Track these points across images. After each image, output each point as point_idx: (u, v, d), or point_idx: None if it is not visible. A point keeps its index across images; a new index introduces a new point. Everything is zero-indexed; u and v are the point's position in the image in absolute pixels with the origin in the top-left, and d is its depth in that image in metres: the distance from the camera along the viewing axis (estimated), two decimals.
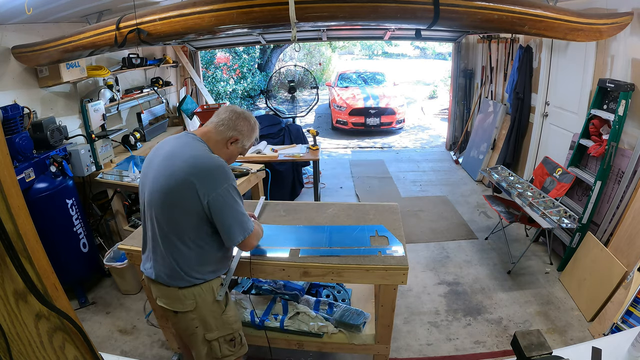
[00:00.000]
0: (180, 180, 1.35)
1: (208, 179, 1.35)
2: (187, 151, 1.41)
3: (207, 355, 1.58)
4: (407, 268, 1.67)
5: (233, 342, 1.61)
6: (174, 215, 1.39)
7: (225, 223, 1.40)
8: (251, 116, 1.59)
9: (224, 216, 1.39)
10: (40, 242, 0.74)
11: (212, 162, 1.39)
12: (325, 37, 5.61)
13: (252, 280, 2.37)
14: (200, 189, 1.34)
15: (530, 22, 2.46)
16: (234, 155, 1.57)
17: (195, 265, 1.45)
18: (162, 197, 1.39)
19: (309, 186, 4.87)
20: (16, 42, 2.80)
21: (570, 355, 0.89)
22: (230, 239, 1.43)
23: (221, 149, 1.50)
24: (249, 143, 1.59)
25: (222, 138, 1.50)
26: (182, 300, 1.48)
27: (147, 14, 2.37)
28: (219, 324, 1.56)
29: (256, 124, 1.60)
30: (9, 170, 0.67)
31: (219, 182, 1.36)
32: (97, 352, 0.87)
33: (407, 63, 20.54)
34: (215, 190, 1.35)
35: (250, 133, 1.56)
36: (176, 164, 1.38)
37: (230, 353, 1.61)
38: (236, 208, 1.41)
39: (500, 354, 2.27)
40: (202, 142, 1.46)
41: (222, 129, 1.49)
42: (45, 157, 2.65)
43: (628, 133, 2.66)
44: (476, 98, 5.58)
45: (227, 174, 1.39)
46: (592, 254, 2.66)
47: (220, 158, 1.43)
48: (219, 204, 1.36)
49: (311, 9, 2.17)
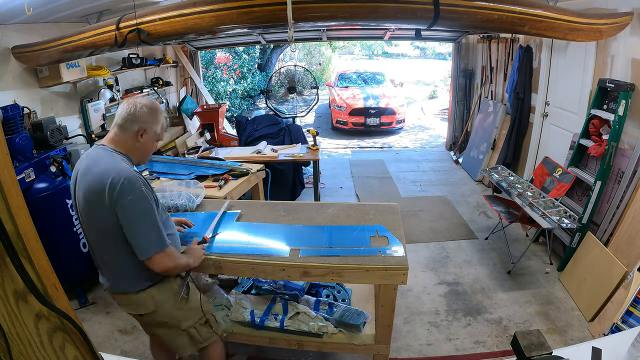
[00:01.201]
0: (93, 197, 1.36)
1: (114, 193, 1.33)
2: (98, 167, 1.38)
3: (190, 344, 1.62)
4: (407, 268, 1.66)
5: (208, 323, 1.66)
6: (99, 229, 1.41)
7: (131, 236, 1.37)
8: (149, 100, 1.50)
9: (129, 229, 1.36)
10: (40, 242, 0.74)
11: (117, 175, 1.34)
12: (325, 37, 5.61)
13: (252, 280, 2.37)
14: (110, 204, 1.34)
15: (530, 22, 2.46)
16: (150, 146, 1.52)
17: (139, 269, 1.45)
18: (85, 214, 1.41)
19: (309, 186, 4.87)
20: (16, 42, 2.80)
21: (570, 355, 0.89)
22: (139, 252, 1.39)
23: (134, 146, 1.46)
24: (159, 127, 1.50)
25: (130, 134, 1.44)
26: (142, 304, 1.50)
27: (147, 14, 2.37)
28: (189, 314, 1.59)
29: (156, 106, 1.50)
30: (9, 170, 0.67)
31: (123, 195, 1.33)
32: (97, 352, 0.87)
33: (407, 63, 20.53)
34: (120, 202, 1.33)
35: (154, 117, 1.47)
36: (89, 181, 1.37)
37: (210, 334, 1.67)
38: (143, 221, 1.37)
39: (500, 354, 2.27)
40: (111, 151, 1.43)
41: (126, 125, 1.43)
42: (45, 157, 2.65)
43: (628, 133, 2.66)
44: (476, 98, 5.58)
45: (131, 185, 1.34)
46: (592, 254, 2.66)
47: (124, 169, 1.37)
48: (123, 216, 1.35)
49: (311, 9, 2.17)
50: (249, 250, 1.82)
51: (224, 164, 3.13)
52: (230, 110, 9.23)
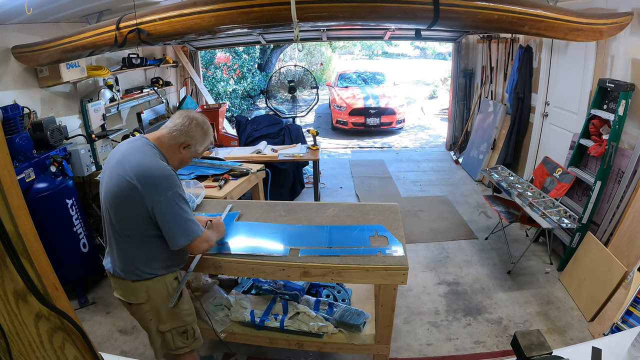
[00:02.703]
0: (127, 185, 1.41)
1: (152, 187, 1.41)
2: (136, 157, 1.45)
3: (161, 346, 1.69)
4: (407, 268, 1.67)
5: (185, 334, 1.70)
6: (123, 215, 1.47)
7: (168, 229, 1.46)
8: (205, 122, 1.60)
9: (167, 222, 1.45)
10: (40, 242, 0.74)
11: (157, 170, 1.43)
12: (325, 37, 5.61)
13: (252, 280, 2.37)
14: (145, 196, 1.41)
15: (530, 22, 2.46)
16: (187, 160, 1.62)
17: (145, 261, 1.53)
18: (113, 199, 1.46)
19: (309, 186, 4.87)
20: (16, 42, 2.80)
21: (570, 355, 0.89)
22: (172, 243, 1.49)
23: (174, 154, 1.55)
24: (202, 148, 1.61)
25: (175, 143, 1.53)
26: (135, 293, 1.56)
27: (147, 14, 2.37)
28: (171, 317, 1.63)
29: (209, 129, 1.62)
30: (9, 170, 0.67)
31: (162, 190, 1.41)
32: (97, 352, 0.87)
33: (407, 63, 20.53)
34: (159, 197, 1.41)
35: (203, 138, 1.58)
36: (125, 169, 1.43)
37: (184, 345, 1.71)
38: (180, 214, 1.46)
39: (500, 354, 2.27)
40: (153, 147, 1.50)
41: (175, 134, 1.52)
42: (45, 157, 2.65)
43: (628, 133, 2.66)
44: (476, 98, 5.58)
45: (170, 181, 1.44)
46: (592, 254, 2.66)
47: (166, 166, 1.46)
48: (162, 210, 1.43)
49: (311, 9, 2.17)
50: (249, 250, 1.82)
51: (224, 164, 3.13)
52: (230, 110, 9.23)
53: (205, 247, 1.59)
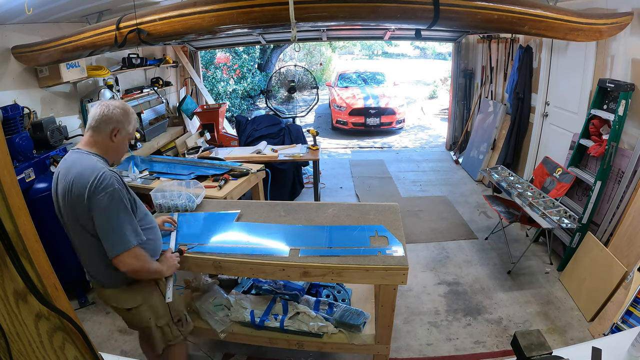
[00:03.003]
0: (73, 198, 1.40)
1: (90, 191, 1.37)
2: (75, 168, 1.42)
3: (162, 340, 1.72)
4: (407, 268, 1.67)
5: (180, 322, 1.77)
6: (82, 227, 1.44)
7: (100, 233, 1.40)
8: (120, 102, 1.57)
9: (99, 226, 1.40)
10: (40, 242, 0.74)
11: (93, 174, 1.38)
12: (325, 37, 5.61)
13: (252, 280, 2.37)
14: (88, 202, 1.38)
15: (530, 22, 2.46)
16: (123, 146, 1.58)
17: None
18: (67, 215, 1.46)
19: (309, 186, 4.87)
20: (16, 42, 2.80)
21: (570, 355, 0.89)
22: (107, 251, 1.42)
23: (109, 146, 1.52)
24: (131, 126, 1.56)
25: (104, 135, 1.50)
26: (129, 298, 1.57)
27: (147, 14, 2.37)
28: (167, 310, 1.68)
29: (127, 107, 1.56)
30: (9, 170, 0.67)
31: (96, 193, 1.37)
32: (97, 352, 0.87)
33: (407, 63, 20.53)
34: (93, 200, 1.37)
35: (126, 117, 1.53)
36: (68, 183, 1.41)
37: (179, 333, 1.77)
38: (113, 219, 1.40)
39: (500, 354, 2.27)
40: (87, 154, 1.47)
41: (100, 125, 1.49)
42: (45, 157, 2.65)
43: (628, 133, 2.65)
44: (476, 98, 5.58)
45: (105, 184, 1.38)
46: (592, 254, 2.66)
47: (101, 168, 1.41)
48: (95, 214, 1.39)
49: (311, 9, 2.17)
50: (249, 250, 1.82)
51: (224, 164, 3.13)
52: (230, 110, 9.22)
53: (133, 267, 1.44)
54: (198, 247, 1.88)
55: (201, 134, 4.74)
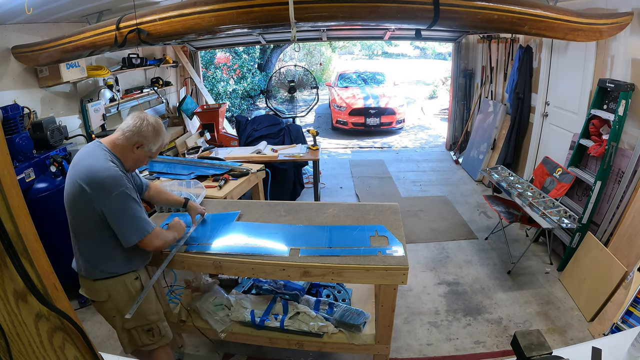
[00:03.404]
0: (77, 188, 1.48)
1: (99, 189, 1.46)
2: (87, 161, 1.52)
3: (129, 343, 1.75)
4: (407, 268, 1.66)
5: (151, 332, 1.75)
6: (78, 217, 1.55)
7: (118, 227, 1.53)
8: (157, 121, 1.63)
9: (116, 221, 1.51)
10: (40, 242, 0.74)
11: (104, 172, 1.47)
12: (325, 37, 5.61)
13: (252, 280, 2.37)
14: (94, 198, 1.47)
15: (530, 22, 2.46)
16: (141, 160, 1.66)
17: (102, 260, 1.59)
18: (68, 202, 1.54)
19: (309, 186, 4.87)
20: (16, 42, 2.80)
21: (570, 355, 0.89)
22: (124, 241, 1.55)
23: (127, 154, 1.60)
24: (156, 147, 1.65)
25: (128, 144, 1.57)
26: (97, 292, 1.64)
27: (147, 14, 2.37)
28: (135, 315, 1.65)
29: (161, 129, 1.64)
30: (9, 170, 0.67)
31: (108, 191, 1.47)
32: (97, 352, 0.87)
33: (407, 63, 20.53)
34: (106, 199, 1.47)
35: (155, 137, 1.61)
36: (76, 173, 1.50)
37: (150, 342, 1.76)
38: (127, 213, 1.52)
39: (500, 354, 2.27)
40: (105, 150, 1.55)
41: (128, 134, 1.57)
42: (45, 157, 2.65)
43: (628, 133, 2.65)
44: (476, 98, 5.58)
45: (116, 182, 1.48)
46: (592, 254, 2.66)
47: (113, 167, 1.50)
48: (110, 211, 1.49)
49: (311, 9, 2.17)
50: (249, 250, 1.82)
51: (224, 164, 3.13)
52: (230, 110, 9.22)
53: (158, 244, 1.63)
54: (198, 246, 1.88)
55: (201, 134, 4.74)
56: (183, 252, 1.85)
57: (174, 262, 1.92)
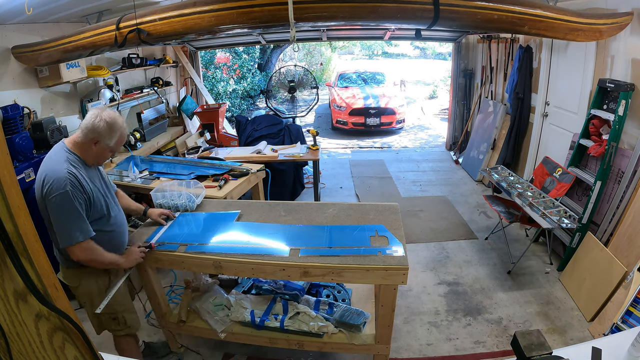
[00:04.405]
0: (37, 189, 1.58)
1: (46, 190, 1.53)
2: (46, 163, 1.60)
3: (98, 326, 1.89)
4: (407, 268, 1.67)
5: (116, 320, 1.86)
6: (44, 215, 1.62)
7: (54, 228, 1.59)
8: (111, 116, 1.63)
9: (53, 223, 1.58)
10: (40, 242, 0.74)
11: (51, 174, 1.54)
12: (325, 37, 5.61)
13: (252, 280, 2.37)
14: (42, 199, 1.55)
15: (530, 22, 2.46)
16: (102, 155, 1.70)
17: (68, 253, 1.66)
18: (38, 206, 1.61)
19: (309, 186, 4.87)
20: (16, 42, 2.80)
21: (570, 355, 0.89)
22: (56, 243, 1.63)
23: (87, 151, 1.65)
24: (113, 141, 1.66)
25: (86, 140, 1.62)
26: (69, 278, 1.75)
27: (147, 14, 2.37)
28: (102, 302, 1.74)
29: (115, 123, 1.64)
30: (9, 170, 0.67)
31: (51, 193, 1.53)
32: (97, 352, 0.87)
33: (407, 63, 20.53)
34: (49, 199, 1.54)
35: (109, 133, 1.63)
36: (38, 177, 1.59)
37: (118, 329, 1.89)
38: (63, 216, 1.56)
39: (500, 354, 2.27)
40: (65, 151, 1.61)
41: (85, 131, 1.61)
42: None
43: (628, 133, 2.65)
44: (476, 98, 5.58)
45: (59, 184, 1.52)
46: (592, 254, 2.66)
47: (61, 170, 1.54)
48: (51, 211, 1.56)
49: (311, 9, 2.17)
50: (249, 250, 1.82)
51: (224, 164, 3.13)
52: (230, 110, 9.22)
53: (83, 257, 1.62)
54: (198, 247, 1.88)
55: (201, 134, 4.74)
56: (183, 252, 1.85)
57: (174, 262, 1.92)
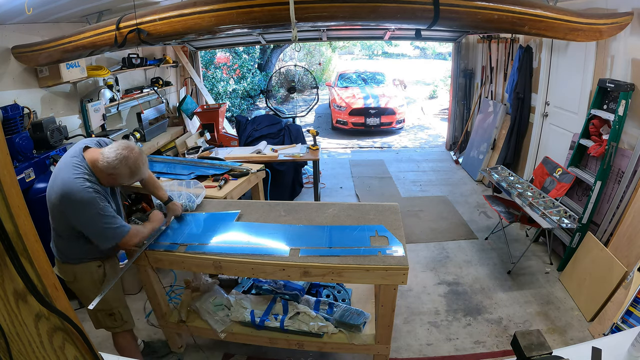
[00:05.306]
0: (53, 200, 1.63)
1: (72, 208, 1.60)
2: (65, 174, 1.62)
3: (96, 323, 1.92)
4: (407, 268, 1.67)
5: (113, 316, 1.90)
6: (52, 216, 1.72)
7: (94, 238, 1.69)
8: (135, 163, 1.69)
9: (91, 234, 1.68)
10: (40, 242, 0.74)
11: (78, 194, 1.58)
12: (325, 37, 5.61)
13: (252, 280, 2.37)
14: (66, 213, 1.63)
15: (530, 22, 2.46)
16: (116, 184, 1.79)
17: (68, 249, 1.77)
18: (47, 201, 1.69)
19: (308, 186, 4.87)
20: (16, 42, 2.80)
21: (570, 355, 0.89)
22: (100, 246, 1.72)
23: (103, 176, 1.70)
24: (130, 180, 1.76)
25: (105, 170, 1.68)
26: (65, 272, 1.81)
27: (147, 14, 2.37)
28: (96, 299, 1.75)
29: (137, 169, 1.72)
30: (9, 170, 0.67)
31: (80, 212, 1.61)
32: (97, 352, 0.87)
33: (407, 63, 20.53)
34: (78, 217, 1.62)
35: (129, 177, 1.72)
36: (55, 183, 1.63)
37: (114, 325, 1.93)
38: (100, 227, 1.65)
39: (500, 354, 2.27)
40: (84, 167, 1.65)
41: (105, 165, 1.66)
42: (45, 157, 2.65)
43: (628, 133, 2.65)
44: (476, 98, 5.58)
45: (90, 204, 1.60)
46: (592, 254, 2.66)
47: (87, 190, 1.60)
48: (84, 228, 1.66)
49: (311, 9, 2.17)
50: (249, 250, 1.82)
51: (224, 164, 3.13)
52: (230, 110, 9.22)
53: (135, 242, 1.79)
54: (198, 247, 1.88)
55: (201, 134, 4.74)
56: (183, 252, 1.85)
57: (174, 262, 1.92)
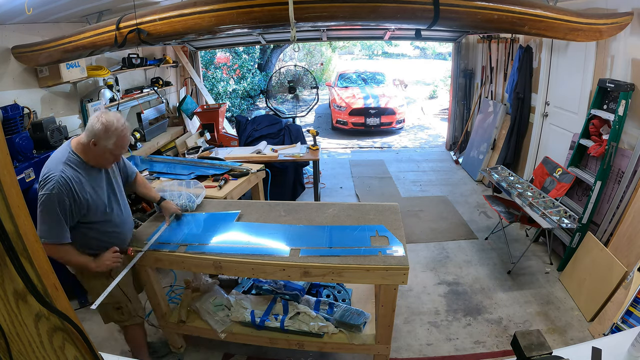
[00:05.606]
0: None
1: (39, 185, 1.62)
2: (49, 161, 1.67)
3: (105, 316, 1.94)
4: (407, 268, 1.67)
5: (120, 310, 1.90)
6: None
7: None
8: (108, 119, 1.66)
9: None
10: (40, 242, 0.74)
11: (44, 174, 1.61)
12: (325, 37, 5.61)
13: (253, 280, 2.37)
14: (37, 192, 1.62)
15: (530, 22, 2.46)
16: (102, 156, 1.72)
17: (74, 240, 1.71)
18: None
19: (309, 186, 4.87)
20: (16, 42, 2.80)
21: (570, 355, 0.89)
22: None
23: (88, 151, 1.69)
24: (110, 143, 1.68)
25: (87, 141, 1.67)
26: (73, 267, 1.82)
27: (147, 14, 2.37)
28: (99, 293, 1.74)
29: (111, 126, 1.66)
30: (9, 170, 0.67)
31: (39, 189, 1.61)
32: (97, 352, 0.87)
33: (407, 63, 20.53)
34: (38, 194, 1.61)
35: (105, 135, 1.65)
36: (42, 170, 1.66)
37: (121, 319, 1.93)
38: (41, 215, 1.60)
39: (500, 354, 2.27)
40: (67, 151, 1.67)
41: (86, 132, 1.67)
42: (45, 157, 2.63)
43: (628, 133, 2.65)
44: (476, 98, 5.58)
45: (47, 184, 1.59)
46: (592, 254, 2.66)
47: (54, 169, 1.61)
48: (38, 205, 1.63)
49: (311, 9, 2.17)
50: (249, 250, 1.82)
51: (224, 164, 3.13)
52: (230, 110, 9.22)
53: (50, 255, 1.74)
54: (198, 247, 1.88)
55: (201, 134, 4.74)
56: (183, 252, 1.85)
57: (174, 262, 1.92)
